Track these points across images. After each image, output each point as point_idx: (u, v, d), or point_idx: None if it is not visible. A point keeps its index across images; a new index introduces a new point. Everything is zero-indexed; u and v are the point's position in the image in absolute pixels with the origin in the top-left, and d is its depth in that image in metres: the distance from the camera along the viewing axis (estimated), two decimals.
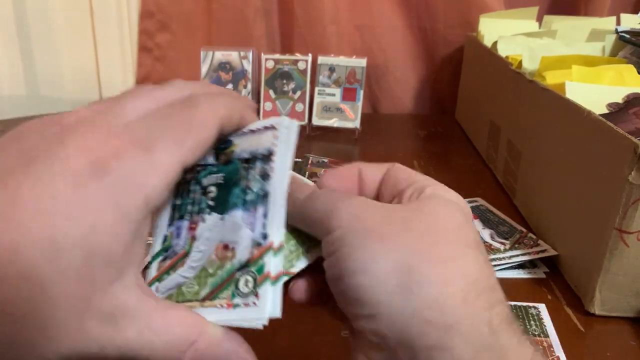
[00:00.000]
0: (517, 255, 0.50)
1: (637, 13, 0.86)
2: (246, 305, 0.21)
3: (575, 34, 0.78)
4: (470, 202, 0.61)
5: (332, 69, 0.88)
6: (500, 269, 0.49)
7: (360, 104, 0.87)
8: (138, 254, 0.20)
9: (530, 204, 0.58)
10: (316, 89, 0.88)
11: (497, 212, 0.59)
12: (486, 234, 0.54)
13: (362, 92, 0.87)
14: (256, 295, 0.21)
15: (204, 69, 0.89)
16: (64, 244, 0.17)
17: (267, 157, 0.23)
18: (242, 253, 0.22)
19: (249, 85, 0.89)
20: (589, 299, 0.43)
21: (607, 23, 0.80)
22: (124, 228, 0.19)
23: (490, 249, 0.51)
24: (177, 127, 0.21)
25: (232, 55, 0.89)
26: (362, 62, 0.87)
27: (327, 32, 0.96)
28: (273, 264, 0.21)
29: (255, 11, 0.95)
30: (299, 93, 0.88)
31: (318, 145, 0.84)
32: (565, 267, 0.48)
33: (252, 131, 0.24)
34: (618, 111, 0.49)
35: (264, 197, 0.22)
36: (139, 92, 0.22)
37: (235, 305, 0.21)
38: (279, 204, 0.22)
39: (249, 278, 0.21)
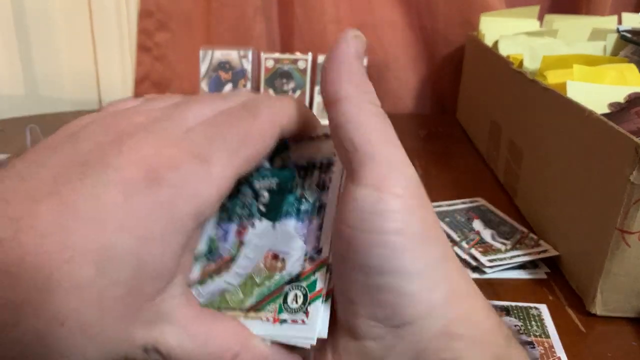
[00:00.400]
0: (518, 256, 0.49)
1: (638, 12, 0.85)
2: (294, 322, 0.20)
3: (576, 33, 0.77)
4: (471, 202, 0.61)
5: None
6: (501, 270, 0.48)
7: None
8: (187, 265, 0.20)
9: (532, 204, 0.58)
10: (316, 89, 0.88)
11: (498, 212, 0.58)
12: (487, 234, 0.54)
13: None
14: (306, 313, 0.20)
15: (203, 68, 0.89)
16: (115, 254, 0.17)
17: (327, 167, 0.22)
18: (294, 266, 0.21)
19: (249, 85, 0.89)
20: (590, 300, 0.43)
21: (609, 22, 0.79)
22: (174, 239, 0.18)
23: (491, 249, 0.50)
24: (234, 136, 0.20)
25: (232, 55, 0.89)
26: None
27: (327, 31, 0.95)
28: (326, 280, 0.20)
29: (254, 10, 0.95)
30: (298, 92, 0.88)
31: None
32: (566, 268, 0.48)
33: (312, 138, 0.23)
34: (620, 111, 0.48)
35: (320, 208, 0.21)
36: (200, 99, 0.21)
37: (282, 321, 0.20)
38: (332, 217, 0.21)
39: (299, 293, 0.20)
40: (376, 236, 0.18)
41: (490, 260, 0.48)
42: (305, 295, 0.20)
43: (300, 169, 0.23)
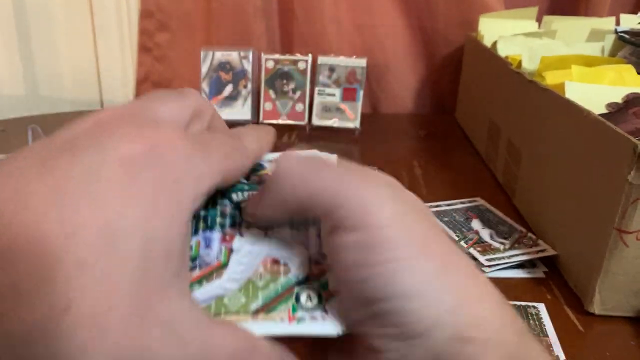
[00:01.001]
0: (517, 255, 0.50)
1: (636, 13, 0.86)
2: (313, 318, 0.20)
3: (574, 34, 0.78)
4: (470, 201, 0.61)
5: (332, 69, 0.88)
6: (500, 269, 0.49)
7: (360, 104, 0.87)
8: (188, 256, 0.19)
9: (530, 204, 0.58)
10: (316, 89, 0.88)
11: (496, 212, 0.59)
12: (486, 233, 0.54)
13: (362, 92, 0.87)
14: (325, 310, 0.20)
15: (204, 69, 0.89)
16: (120, 228, 0.15)
17: None
18: (299, 269, 0.21)
19: (249, 85, 0.89)
20: (588, 299, 0.43)
21: (607, 23, 0.80)
22: (180, 219, 0.17)
23: (489, 248, 0.51)
24: (226, 144, 0.20)
25: (232, 55, 0.89)
26: (362, 62, 0.87)
27: (327, 32, 0.96)
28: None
29: (255, 11, 0.95)
30: (299, 93, 0.89)
31: (318, 145, 0.82)
32: (564, 267, 0.48)
33: None
34: (617, 111, 0.49)
35: (314, 219, 0.22)
36: (162, 95, 0.21)
37: (300, 319, 0.20)
38: None
39: (312, 294, 0.20)
40: (367, 269, 0.18)
41: (489, 260, 0.49)
42: (319, 295, 0.20)
43: None
